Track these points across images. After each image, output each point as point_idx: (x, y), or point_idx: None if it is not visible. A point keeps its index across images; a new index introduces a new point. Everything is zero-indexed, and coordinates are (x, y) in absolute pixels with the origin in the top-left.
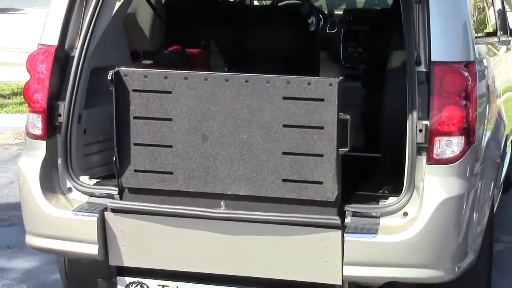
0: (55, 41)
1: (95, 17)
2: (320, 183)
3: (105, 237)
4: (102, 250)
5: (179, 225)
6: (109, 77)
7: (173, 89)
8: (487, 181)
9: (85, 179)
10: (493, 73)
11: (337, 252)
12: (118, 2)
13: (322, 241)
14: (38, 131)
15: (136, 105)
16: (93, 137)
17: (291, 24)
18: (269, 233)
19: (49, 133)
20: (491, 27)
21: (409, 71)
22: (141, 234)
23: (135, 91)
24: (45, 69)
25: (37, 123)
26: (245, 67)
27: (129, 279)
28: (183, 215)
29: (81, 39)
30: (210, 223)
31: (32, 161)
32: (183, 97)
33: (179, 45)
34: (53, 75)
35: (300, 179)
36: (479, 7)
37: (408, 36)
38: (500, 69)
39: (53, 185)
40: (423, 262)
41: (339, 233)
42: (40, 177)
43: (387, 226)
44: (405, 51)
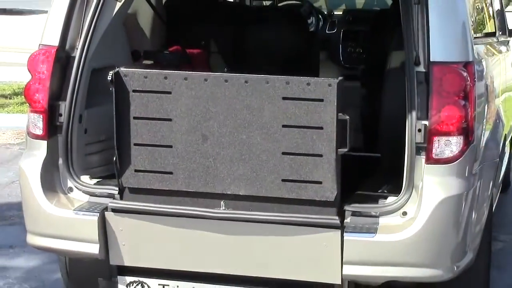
0: (56, 41)
1: (95, 17)
2: (319, 183)
3: (105, 237)
4: (102, 249)
5: (179, 225)
6: (109, 78)
7: (173, 90)
8: (486, 180)
9: (86, 178)
10: (491, 73)
11: (337, 251)
12: (118, 2)
13: (321, 241)
14: (39, 131)
15: (136, 105)
16: (94, 137)
17: (291, 24)
18: (269, 232)
19: (50, 133)
20: (490, 28)
21: (408, 71)
22: (141, 233)
23: (135, 91)
24: (46, 69)
25: (38, 123)
26: (245, 67)
27: (129, 279)
28: (183, 215)
29: (82, 39)
30: (210, 223)
31: (33, 161)
32: (183, 97)
33: (180, 45)
34: (54, 75)
35: (299, 179)
36: (478, 7)
37: (407, 36)
38: (498, 69)
39: (54, 184)
40: (422, 261)
41: (339, 233)
42: (41, 176)
43: (386, 225)
44: (404, 51)
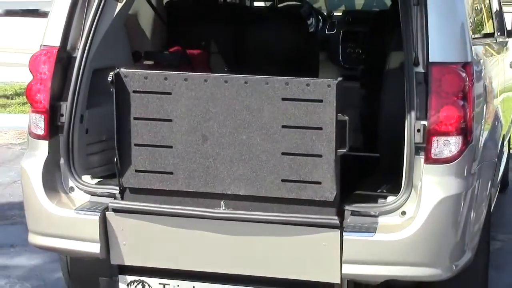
0: (57, 42)
1: (97, 18)
2: (319, 183)
3: (106, 236)
4: (103, 248)
5: (180, 225)
6: (109, 79)
7: (173, 90)
8: (485, 180)
9: (87, 178)
10: (490, 74)
11: (336, 251)
12: (119, 3)
13: (321, 240)
14: (40, 131)
15: (136, 106)
16: (95, 137)
17: (291, 25)
18: (269, 232)
19: (52, 133)
20: (489, 28)
21: (407, 72)
22: (142, 233)
23: (135, 92)
24: (47, 69)
25: (39, 123)
26: (245, 67)
27: (130, 278)
28: (183, 215)
29: (83, 40)
30: (210, 223)
31: (34, 161)
32: (183, 98)
33: (180, 45)
34: (55, 75)
35: (299, 179)
36: (476, 8)
37: (406, 37)
38: (497, 70)
39: (55, 184)
40: (421, 260)
41: (338, 233)
42: (42, 176)
43: (385, 225)
44: (403, 52)
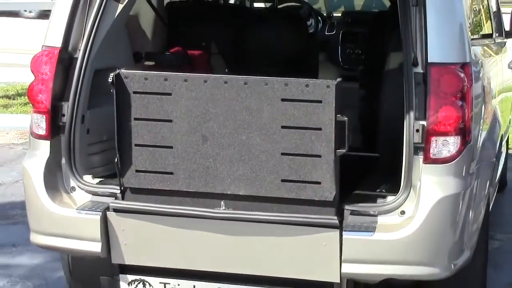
0: (59, 43)
1: (98, 19)
2: (318, 183)
3: (107, 235)
4: (105, 247)
5: (180, 225)
6: (109, 80)
7: (173, 91)
8: (483, 180)
9: (88, 178)
10: (488, 74)
11: (336, 250)
12: (120, 4)
13: (320, 240)
14: (42, 131)
15: (136, 106)
16: (96, 137)
17: (290, 26)
18: (268, 232)
19: (53, 133)
20: (487, 29)
21: (406, 72)
22: (142, 233)
23: (136, 93)
24: (49, 70)
25: (41, 123)
26: (245, 68)
27: (131, 277)
28: (183, 215)
29: (85, 41)
30: (210, 223)
31: (36, 161)
32: (183, 99)
33: (181, 46)
34: (57, 76)
35: (298, 179)
36: (475, 9)
37: (405, 38)
38: (495, 70)
39: (57, 184)
40: (420, 259)
41: (337, 232)
42: (44, 176)
43: (384, 224)
44: (402, 53)
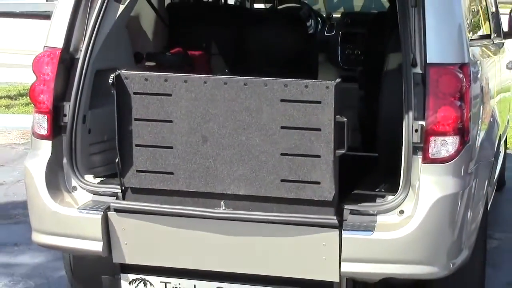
0: (61, 43)
1: (99, 20)
2: (317, 183)
3: (108, 235)
4: (106, 247)
5: (180, 225)
6: (110, 81)
7: (173, 92)
8: (481, 179)
9: (89, 177)
10: (487, 75)
11: (335, 250)
12: (121, 5)
13: (320, 240)
14: (43, 131)
15: (137, 107)
16: (98, 137)
17: (290, 26)
18: (268, 232)
19: (55, 133)
20: (485, 30)
21: (405, 73)
22: (143, 233)
23: (136, 93)
24: (50, 71)
25: (43, 123)
26: (246, 68)
27: (132, 276)
28: (184, 215)
29: (86, 41)
30: (210, 223)
31: (38, 161)
32: (183, 99)
33: (181, 47)
34: (58, 76)
35: (298, 179)
36: (473, 10)
37: (404, 38)
38: (493, 71)
39: (58, 183)
40: (418, 258)
41: (337, 232)
42: (45, 176)
43: (384, 223)
44: (401, 53)
